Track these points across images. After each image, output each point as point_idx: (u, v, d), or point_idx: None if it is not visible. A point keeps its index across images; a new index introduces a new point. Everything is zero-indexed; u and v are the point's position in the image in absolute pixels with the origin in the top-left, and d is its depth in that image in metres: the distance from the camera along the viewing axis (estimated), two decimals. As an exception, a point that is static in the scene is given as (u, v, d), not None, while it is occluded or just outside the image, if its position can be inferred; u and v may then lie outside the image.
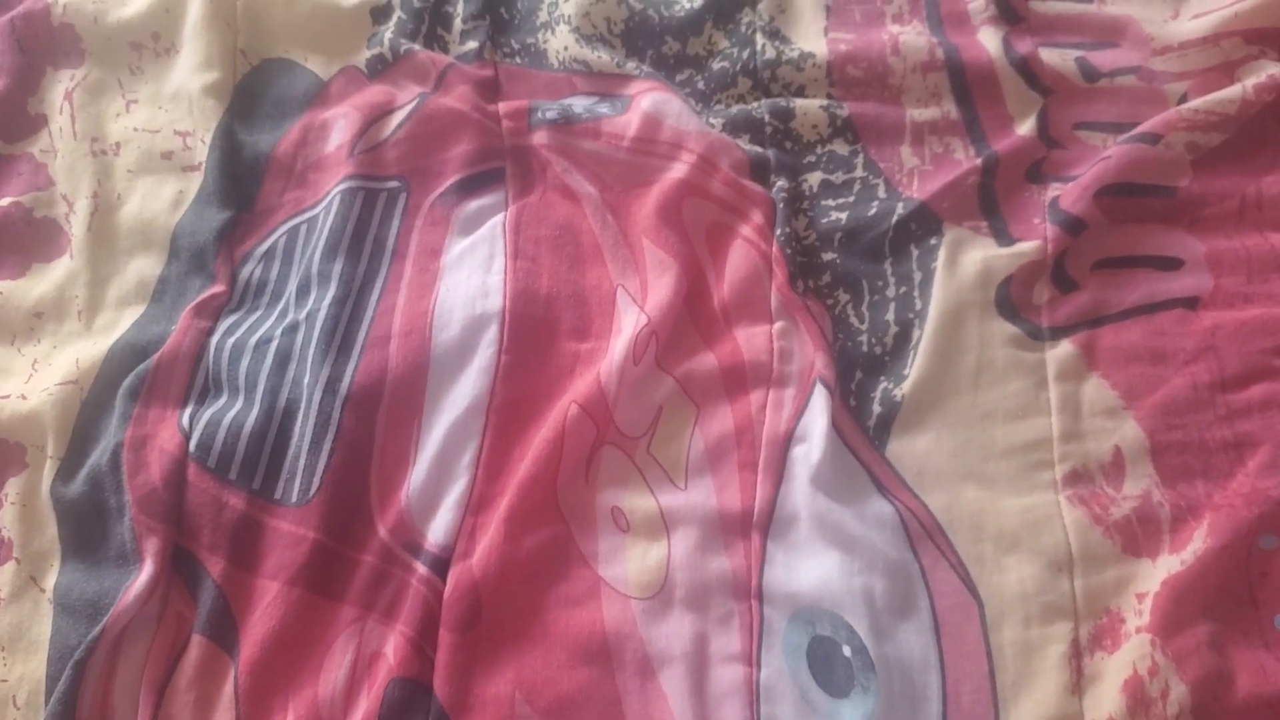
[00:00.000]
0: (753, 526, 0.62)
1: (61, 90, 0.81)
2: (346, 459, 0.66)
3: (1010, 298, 0.69)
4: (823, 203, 0.75)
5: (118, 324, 0.73)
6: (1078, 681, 0.57)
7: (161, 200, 0.77)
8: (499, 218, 0.75)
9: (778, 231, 0.71)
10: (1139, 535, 0.59)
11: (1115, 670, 0.56)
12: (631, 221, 0.74)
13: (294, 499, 0.65)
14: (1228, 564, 0.57)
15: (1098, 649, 0.57)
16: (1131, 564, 0.59)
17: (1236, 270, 0.69)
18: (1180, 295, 0.69)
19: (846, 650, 0.59)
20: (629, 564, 0.63)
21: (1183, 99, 0.75)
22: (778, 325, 0.68)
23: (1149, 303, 0.69)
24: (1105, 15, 0.80)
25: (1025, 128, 0.75)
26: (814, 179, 0.76)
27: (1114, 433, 0.63)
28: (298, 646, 0.61)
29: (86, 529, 0.65)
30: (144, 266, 0.75)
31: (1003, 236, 0.72)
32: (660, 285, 0.69)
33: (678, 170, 0.74)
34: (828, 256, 0.71)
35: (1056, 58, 0.78)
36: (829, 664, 0.59)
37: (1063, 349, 0.66)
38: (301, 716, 0.59)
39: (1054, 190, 0.73)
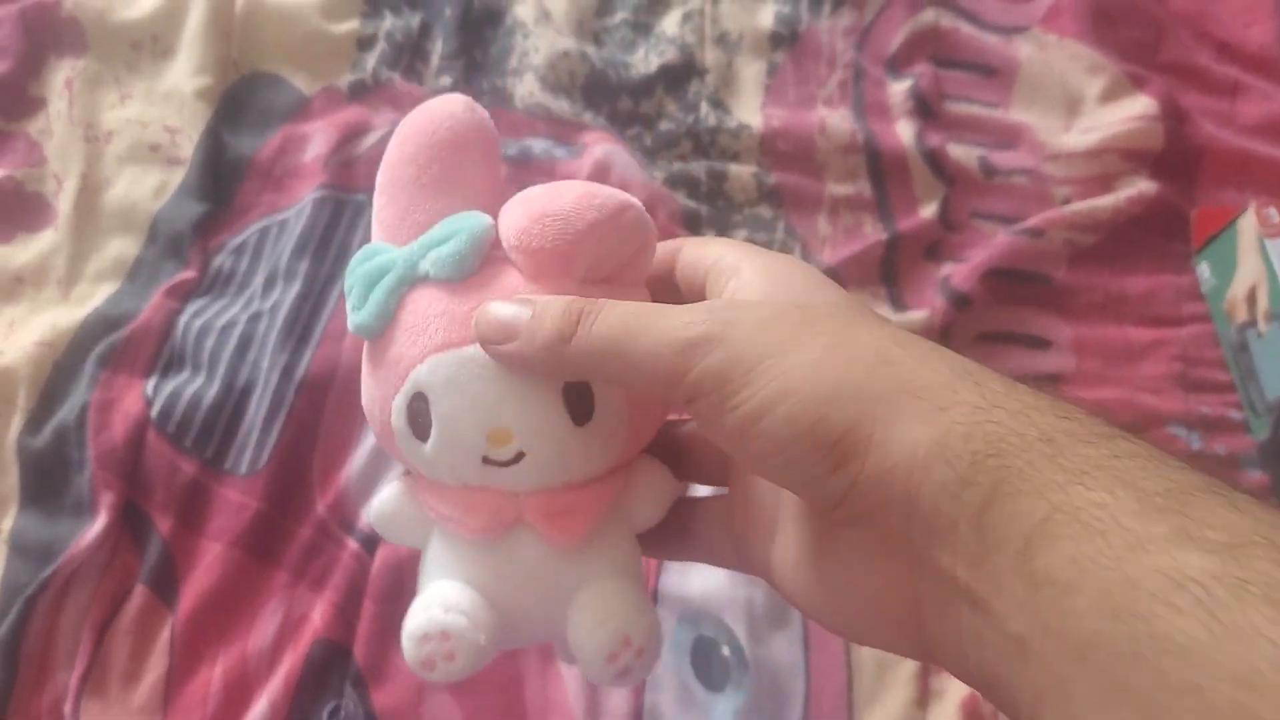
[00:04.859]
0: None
1: (62, 78, 0.82)
2: (295, 439, 0.68)
3: (899, 358, 0.75)
4: (745, 258, 0.80)
5: (93, 296, 0.74)
6: (924, 697, 0.62)
7: (145, 188, 0.78)
8: (455, 238, 0.78)
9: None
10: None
11: (956, 689, 0.62)
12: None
13: (243, 470, 0.67)
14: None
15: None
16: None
17: (1096, 356, 0.75)
18: (1046, 372, 0.74)
19: (725, 650, 0.63)
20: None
21: (1065, 201, 0.80)
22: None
23: (1018, 376, 0.76)
24: (1008, 121, 0.84)
25: (928, 211, 0.80)
26: (739, 236, 0.78)
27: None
28: (232, 604, 0.64)
29: (47, 478, 0.66)
30: (123, 246, 0.76)
31: (898, 304, 0.77)
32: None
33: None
34: (745, 304, 0.75)
35: (962, 153, 0.82)
36: (709, 661, 0.63)
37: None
38: (230, 668, 0.62)
39: (947, 269, 0.78)
